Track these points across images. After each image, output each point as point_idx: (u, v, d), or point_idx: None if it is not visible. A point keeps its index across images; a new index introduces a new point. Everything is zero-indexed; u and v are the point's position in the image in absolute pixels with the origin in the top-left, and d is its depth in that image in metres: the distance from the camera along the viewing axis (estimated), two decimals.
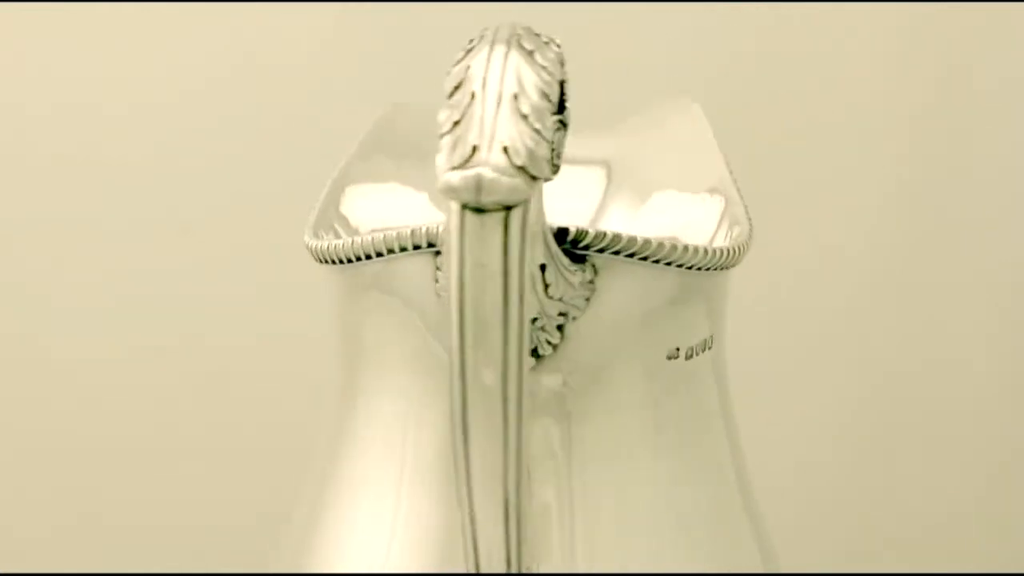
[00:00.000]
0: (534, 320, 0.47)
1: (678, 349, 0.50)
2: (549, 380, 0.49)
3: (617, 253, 0.46)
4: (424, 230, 0.45)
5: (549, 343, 0.48)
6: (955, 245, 0.89)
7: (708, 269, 0.48)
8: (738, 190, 0.54)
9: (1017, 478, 0.89)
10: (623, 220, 0.57)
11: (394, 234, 0.45)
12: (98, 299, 0.86)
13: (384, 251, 0.46)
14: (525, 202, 0.39)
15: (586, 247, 0.46)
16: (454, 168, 0.39)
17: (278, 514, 0.55)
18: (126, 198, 0.86)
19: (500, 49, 0.41)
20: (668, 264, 0.47)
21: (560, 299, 0.46)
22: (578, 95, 0.49)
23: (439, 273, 0.46)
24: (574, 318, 0.47)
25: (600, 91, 0.62)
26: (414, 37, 0.86)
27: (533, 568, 0.45)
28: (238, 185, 0.84)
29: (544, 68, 0.41)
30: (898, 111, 0.88)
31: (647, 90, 0.66)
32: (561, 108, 0.44)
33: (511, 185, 0.38)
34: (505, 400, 0.41)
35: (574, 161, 0.56)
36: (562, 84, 0.44)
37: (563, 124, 0.44)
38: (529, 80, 0.40)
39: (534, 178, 0.39)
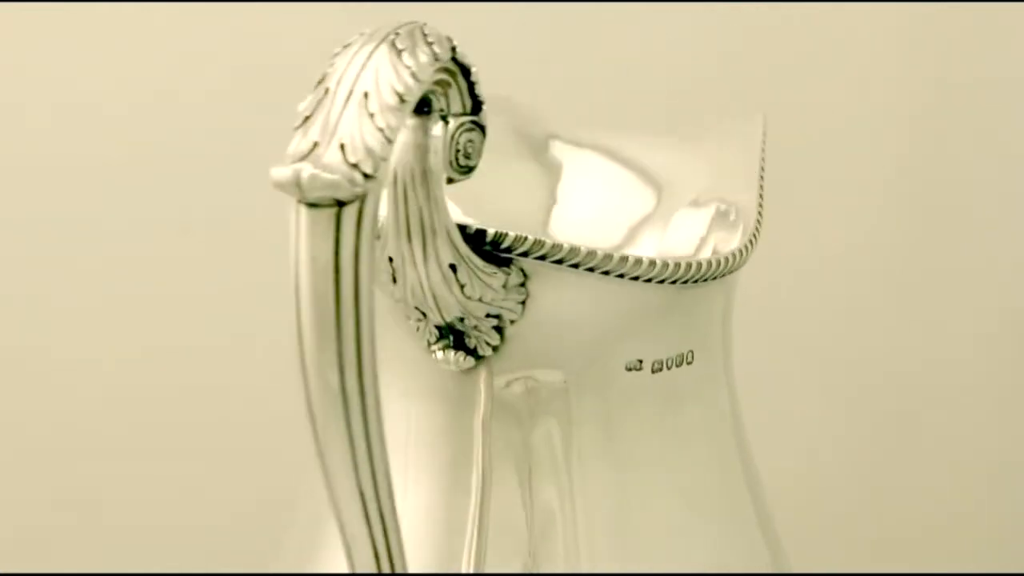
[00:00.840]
0: (462, 320, 0.47)
1: (640, 361, 0.48)
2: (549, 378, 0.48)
3: (543, 259, 0.46)
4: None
5: (488, 344, 0.47)
6: (957, 245, 0.89)
7: (664, 282, 0.47)
8: (759, 214, 0.52)
9: (1018, 479, 0.87)
10: (648, 230, 0.56)
11: None
12: (97, 299, 0.86)
13: None
14: (361, 199, 0.39)
15: (507, 250, 0.45)
16: (294, 162, 0.39)
17: (281, 514, 0.55)
18: (126, 198, 0.87)
19: (368, 47, 0.41)
20: (608, 274, 0.46)
21: (480, 300, 0.46)
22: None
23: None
24: (512, 321, 0.47)
25: (598, 94, 0.60)
26: None
27: (409, 569, 0.45)
28: (238, 183, 0.84)
29: (408, 68, 0.40)
30: (898, 112, 0.87)
31: (646, 91, 0.65)
32: (476, 109, 0.44)
33: (330, 182, 0.39)
34: (345, 398, 0.41)
35: (627, 164, 0.55)
36: (472, 86, 0.44)
37: (476, 125, 0.44)
38: (386, 79, 0.40)
39: (368, 176, 0.39)
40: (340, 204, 0.39)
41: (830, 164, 0.84)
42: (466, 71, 0.43)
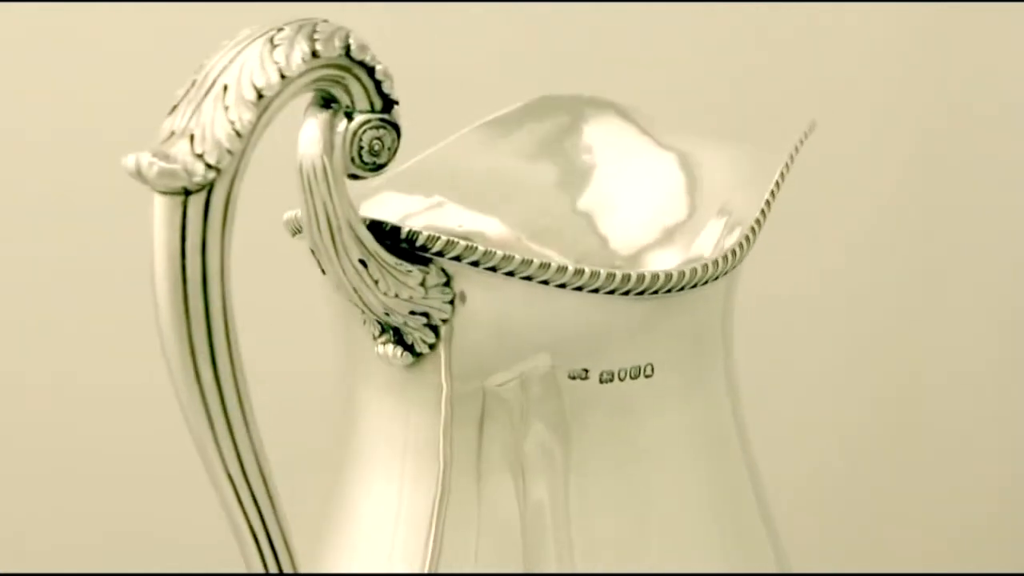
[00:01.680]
0: (387, 315, 0.48)
1: (586, 371, 0.48)
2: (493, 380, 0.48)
3: (458, 260, 0.46)
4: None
5: (425, 342, 0.48)
6: (959, 245, 0.89)
7: (599, 292, 0.47)
8: (752, 230, 0.51)
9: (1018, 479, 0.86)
10: (683, 237, 0.55)
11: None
12: (98, 300, 0.86)
13: None
14: (208, 189, 0.41)
15: (423, 248, 0.46)
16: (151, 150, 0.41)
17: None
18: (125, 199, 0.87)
19: (242, 42, 0.42)
20: (531, 280, 0.46)
21: (397, 296, 0.46)
22: None
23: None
24: (444, 320, 0.48)
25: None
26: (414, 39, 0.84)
27: (299, 569, 0.46)
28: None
29: (276, 64, 0.42)
30: (900, 112, 0.87)
31: (646, 92, 0.63)
32: (387, 108, 0.45)
33: (167, 171, 0.40)
34: (200, 383, 0.42)
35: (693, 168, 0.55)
36: (379, 84, 0.45)
37: (386, 123, 0.45)
38: (248, 74, 0.41)
39: (211, 167, 0.41)
40: (188, 193, 0.41)
41: (831, 164, 0.80)
42: (370, 70, 0.44)
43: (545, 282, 0.46)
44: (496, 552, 0.49)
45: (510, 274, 0.46)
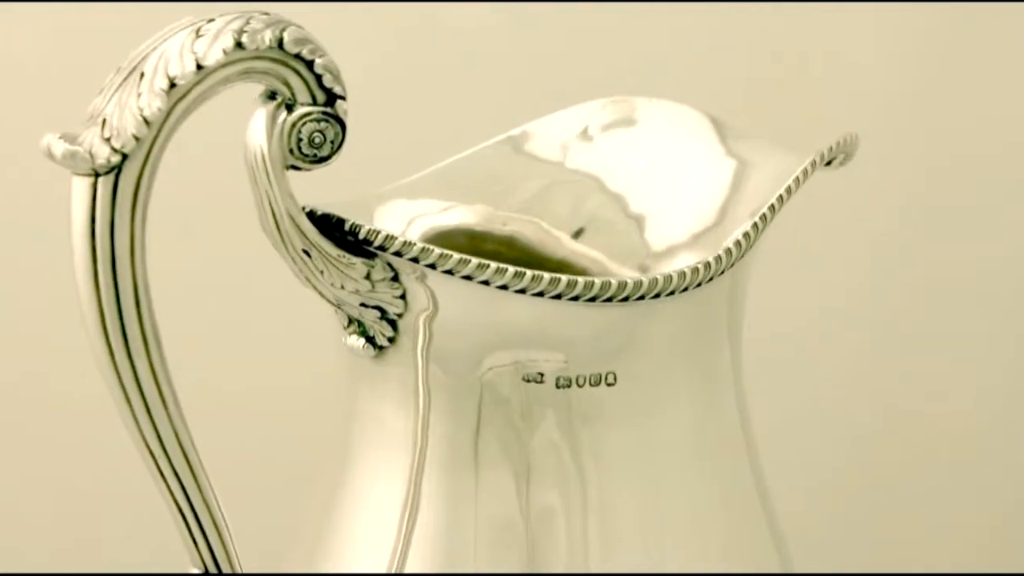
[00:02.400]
0: (339, 306, 0.49)
1: (541, 375, 0.48)
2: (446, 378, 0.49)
3: (399, 255, 0.47)
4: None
5: (384, 335, 0.49)
6: (960, 245, 0.89)
7: (543, 296, 0.47)
8: (746, 236, 0.50)
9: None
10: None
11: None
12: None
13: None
14: (116, 172, 0.43)
15: (366, 242, 0.47)
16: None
17: (284, 516, 0.57)
18: None
19: (171, 32, 0.44)
20: (470, 280, 0.47)
21: (343, 288, 0.47)
22: None
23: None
24: (399, 315, 0.48)
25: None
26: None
27: (237, 569, 0.48)
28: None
29: (194, 55, 0.43)
30: (902, 111, 0.87)
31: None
32: (330, 102, 0.46)
33: (71, 153, 0.42)
34: (115, 362, 0.45)
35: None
36: (320, 78, 0.46)
37: (329, 116, 0.46)
38: (165, 62, 0.43)
39: (117, 151, 0.43)
40: (98, 175, 0.43)
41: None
42: (308, 63, 0.45)
43: (486, 282, 0.46)
44: (445, 551, 0.49)
45: (449, 272, 0.46)
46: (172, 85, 0.43)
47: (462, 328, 0.48)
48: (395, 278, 0.47)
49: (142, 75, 0.43)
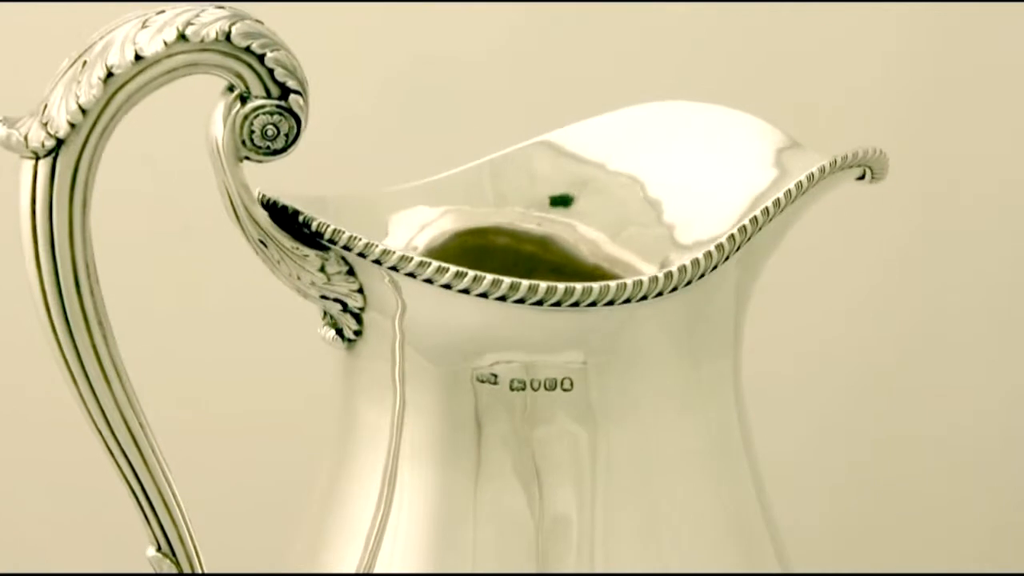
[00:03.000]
0: (304, 296, 0.50)
1: (495, 376, 0.49)
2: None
3: (348, 249, 0.48)
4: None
5: (350, 328, 0.50)
6: (960, 245, 0.89)
7: (488, 297, 0.47)
8: (719, 247, 0.49)
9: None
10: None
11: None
12: None
13: None
14: (53, 156, 0.45)
15: (318, 235, 0.48)
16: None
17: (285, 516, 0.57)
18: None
19: (121, 22, 0.46)
20: (413, 278, 0.47)
21: (300, 279, 0.49)
22: None
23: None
24: (360, 308, 0.50)
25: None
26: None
27: (189, 549, 0.50)
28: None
29: (135, 46, 0.45)
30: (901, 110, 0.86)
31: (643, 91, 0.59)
32: (284, 95, 0.48)
33: (4, 135, 0.45)
34: (56, 335, 0.47)
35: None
36: (271, 72, 0.47)
37: (283, 110, 0.48)
38: (106, 53, 0.45)
39: (52, 136, 0.45)
40: (39, 158, 0.45)
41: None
42: (259, 57, 0.46)
43: (429, 281, 0.46)
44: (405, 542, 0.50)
45: (394, 269, 0.47)
46: (110, 75, 0.44)
47: (426, 327, 0.48)
48: (351, 272, 0.48)
49: (84, 63, 0.44)
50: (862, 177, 0.53)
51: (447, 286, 0.46)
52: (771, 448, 0.60)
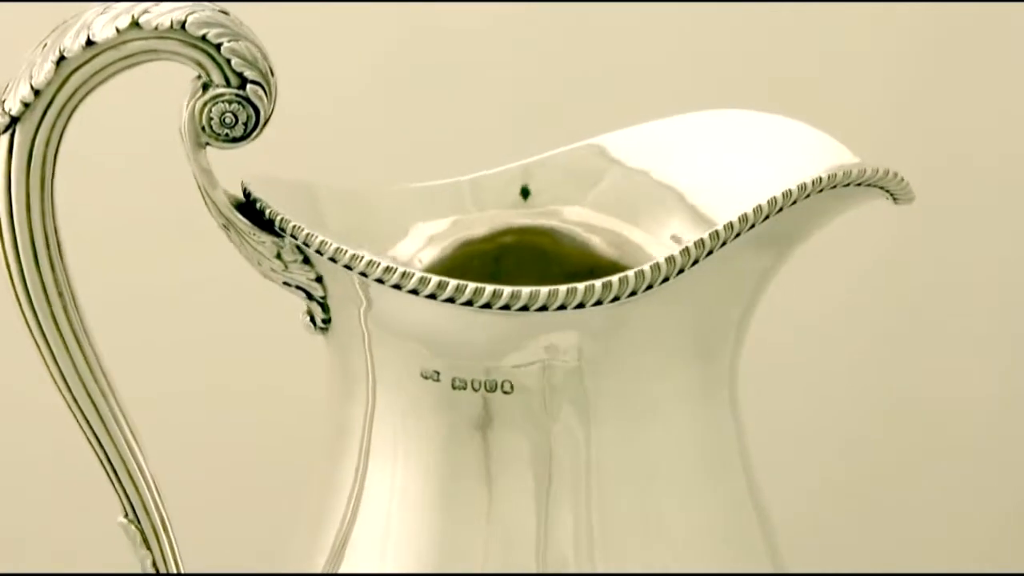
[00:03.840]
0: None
1: (438, 373, 0.49)
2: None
3: (295, 239, 0.49)
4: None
5: (318, 317, 0.52)
6: (959, 246, 0.89)
7: (418, 295, 0.48)
8: (684, 252, 0.49)
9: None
10: None
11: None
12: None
13: None
14: (10, 131, 0.48)
15: (270, 221, 0.50)
16: None
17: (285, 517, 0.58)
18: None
19: (85, 9, 0.49)
20: (345, 266, 0.48)
21: (260, 264, 0.51)
22: None
23: None
24: (322, 297, 0.51)
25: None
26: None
27: (155, 519, 0.52)
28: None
29: (88, 31, 0.48)
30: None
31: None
32: (244, 84, 0.50)
33: None
34: (19, 304, 0.50)
35: None
36: (229, 61, 0.49)
37: (241, 98, 0.49)
38: (62, 38, 0.48)
39: (6, 112, 0.48)
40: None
41: None
42: (217, 47, 0.48)
43: (364, 275, 0.47)
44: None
45: (332, 260, 0.48)
46: (62, 58, 0.47)
47: (382, 320, 0.49)
48: (307, 261, 0.49)
49: (45, 46, 0.47)
50: (895, 199, 0.51)
51: (380, 280, 0.46)
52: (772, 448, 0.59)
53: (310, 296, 0.50)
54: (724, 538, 0.51)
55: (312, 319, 0.50)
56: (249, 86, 0.47)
